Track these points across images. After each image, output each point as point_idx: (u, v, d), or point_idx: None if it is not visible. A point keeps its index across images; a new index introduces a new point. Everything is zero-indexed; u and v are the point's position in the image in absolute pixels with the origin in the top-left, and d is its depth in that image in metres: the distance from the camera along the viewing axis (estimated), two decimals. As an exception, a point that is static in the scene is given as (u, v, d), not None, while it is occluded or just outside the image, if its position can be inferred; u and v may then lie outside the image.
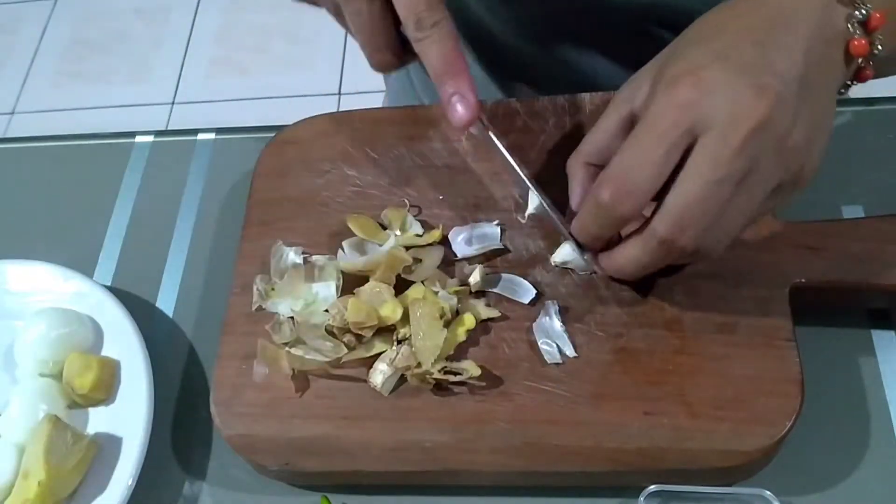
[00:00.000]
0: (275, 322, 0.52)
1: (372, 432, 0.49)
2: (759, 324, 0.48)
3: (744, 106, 0.39)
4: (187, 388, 0.57)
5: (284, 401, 0.50)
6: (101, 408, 0.55)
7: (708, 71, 0.40)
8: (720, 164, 0.40)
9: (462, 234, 0.54)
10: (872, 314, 0.52)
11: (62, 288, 0.59)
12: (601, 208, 0.43)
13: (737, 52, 0.41)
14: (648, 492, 0.46)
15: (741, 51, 0.41)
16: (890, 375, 0.50)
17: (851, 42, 0.42)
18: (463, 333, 0.50)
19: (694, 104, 0.40)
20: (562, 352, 0.49)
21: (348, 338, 0.51)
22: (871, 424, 0.49)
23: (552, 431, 0.47)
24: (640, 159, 0.41)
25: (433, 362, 0.48)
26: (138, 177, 0.67)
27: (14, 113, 2.03)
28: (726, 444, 0.45)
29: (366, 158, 0.59)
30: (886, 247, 0.50)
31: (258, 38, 2.03)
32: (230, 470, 0.53)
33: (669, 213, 0.41)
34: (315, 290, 0.53)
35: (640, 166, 0.41)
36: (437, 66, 0.44)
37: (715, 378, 0.47)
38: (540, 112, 0.58)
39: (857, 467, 0.48)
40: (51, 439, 0.49)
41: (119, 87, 2.01)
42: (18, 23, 2.19)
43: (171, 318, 0.60)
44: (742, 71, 0.40)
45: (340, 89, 1.90)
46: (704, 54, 0.41)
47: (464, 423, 0.48)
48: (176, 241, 0.63)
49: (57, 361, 0.55)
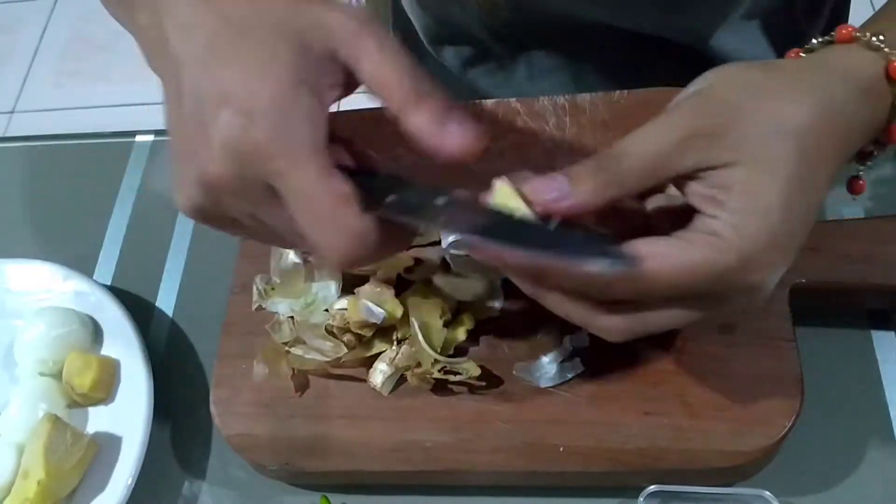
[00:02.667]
0: (275, 322, 0.52)
1: (372, 432, 0.49)
2: (759, 324, 0.48)
3: (766, 285, 0.38)
4: (187, 388, 0.57)
5: (284, 401, 0.50)
6: (100, 407, 0.55)
7: (776, 271, 0.38)
8: (718, 316, 0.39)
9: None
10: (872, 314, 0.52)
11: (62, 287, 0.59)
12: (598, 284, 0.38)
13: (794, 227, 0.37)
14: (648, 492, 0.46)
15: (796, 223, 0.37)
16: (890, 375, 0.50)
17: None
18: (463, 333, 0.50)
19: (753, 290, 0.38)
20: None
21: (348, 338, 0.51)
22: (871, 424, 0.49)
23: (552, 431, 0.47)
24: (672, 294, 0.37)
25: (433, 362, 0.49)
26: (138, 177, 0.67)
27: (14, 112, 2.03)
28: (726, 444, 0.45)
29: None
30: (886, 247, 0.50)
31: (258, 38, 2.03)
32: (230, 470, 0.53)
33: (653, 322, 0.39)
34: (315, 290, 0.53)
35: (660, 297, 0.38)
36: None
37: (715, 378, 0.47)
38: (540, 112, 0.58)
39: (857, 467, 0.48)
40: (50, 438, 0.50)
41: (119, 87, 2.01)
42: (18, 23, 2.19)
43: (171, 318, 0.60)
44: (787, 250, 0.38)
45: (340, 89, 1.90)
46: (783, 224, 0.36)
47: (464, 423, 0.48)
48: (176, 241, 0.63)
49: (57, 361, 0.55)
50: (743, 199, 0.36)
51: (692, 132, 0.37)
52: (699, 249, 0.36)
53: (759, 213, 0.36)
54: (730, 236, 0.36)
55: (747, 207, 0.36)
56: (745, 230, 0.36)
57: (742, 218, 0.36)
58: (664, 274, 0.36)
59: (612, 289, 0.37)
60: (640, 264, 0.36)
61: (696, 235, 0.37)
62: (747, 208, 0.36)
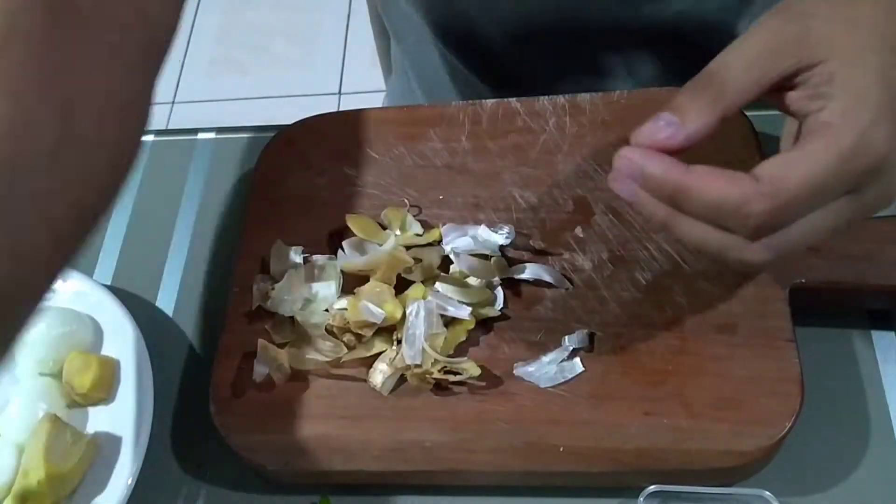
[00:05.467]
0: (275, 322, 0.52)
1: (372, 432, 0.49)
2: (759, 324, 0.48)
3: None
4: (187, 387, 0.57)
5: (284, 401, 0.50)
6: (100, 407, 0.55)
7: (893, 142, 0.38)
8: (854, 217, 0.39)
9: (455, 233, 0.54)
10: (872, 314, 0.52)
11: (62, 287, 0.59)
12: (735, 216, 0.37)
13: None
14: (648, 492, 0.46)
15: None
16: (890, 375, 0.50)
17: None
18: (463, 333, 0.50)
19: (887, 166, 0.38)
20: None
21: (348, 338, 0.51)
22: (871, 424, 0.49)
23: (552, 431, 0.47)
24: (803, 204, 0.37)
25: (433, 362, 0.49)
26: (138, 177, 0.67)
27: (14, 112, 2.02)
28: (726, 444, 0.45)
29: (366, 158, 0.59)
30: (886, 247, 0.50)
31: (258, 38, 2.03)
32: (230, 469, 0.53)
33: (782, 239, 0.38)
34: (315, 290, 0.53)
35: (796, 211, 0.38)
36: None
37: (715, 378, 0.47)
38: (540, 112, 0.58)
39: (857, 467, 0.48)
40: (50, 438, 0.50)
41: (119, 87, 2.01)
42: (18, 22, 2.19)
43: (171, 318, 0.60)
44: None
45: (340, 89, 1.90)
46: (886, 97, 0.37)
47: (464, 423, 0.48)
48: (176, 241, 0.63)
49: (57, 360, 0.55)
50: (844, 85, 0.38)
51: (783, 38, 0.39)
52: (818, 143, 0.37)
53: (861, 94, 0.37)
54: (841, 120, 0.37)
55: (849, 91, 0.37)
56: (854, 111, 0.37)
57: (847, 101, 0.37)
58: (796, 178, 0.37)
59: (749, 208, 0.37)
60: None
61: (810, 135, 0.38)
62: (849, 92, 0.37)
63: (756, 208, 0.37)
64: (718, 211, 0.38)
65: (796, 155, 0.37)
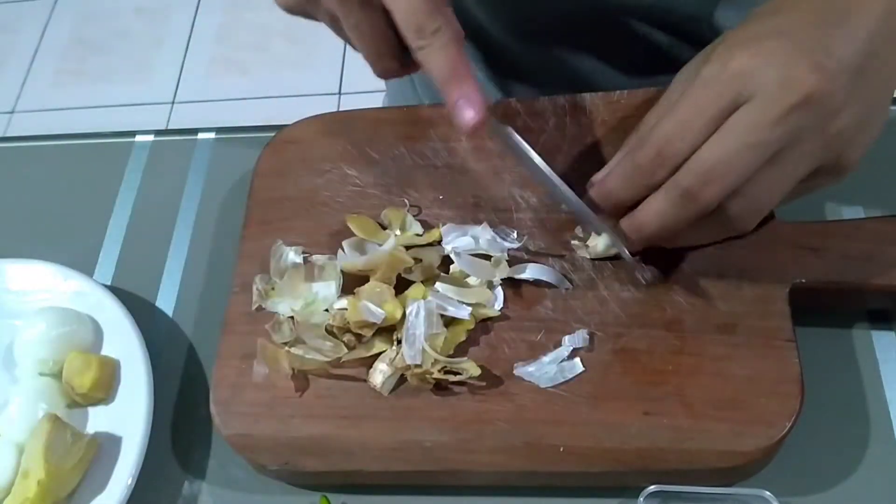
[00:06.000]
0: (275, 322, 0.52)
1: (372, 432, 0.49)
2: (759, 324, 0.48)
3: (794, 79, 0.39)
4: (187, 387, 0.57)
5: (284, 400, 0.50)
6: (100, 407, 0.55)
7: (766, 43, 0.40)
8: (758, 130, 0.40)
9: (455, 233, 0.54)
10: (872, 314, 0.52)
11: (62, 287, 0.59)
12: (636, 171, 0.43)
13: (798, 31, 0.41)
14: (648, 492, 0.46)
15: (802, 30, 0.41)
16: (890, 375, 0.50)
17: None
18: (463, 333, 0.50)
19: (746, 73, 0.40)
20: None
21: (348, 338, 0.51)
22: (871, 424, 0.49)
23: (552, 431, 0.47)
24: (683, 126, 0.41)
25: (433, 362, 0.49)
26: (138, 176, 0.67)
27: (14, 112, 2.03)
28: (726, 444, 0.45)
29: (366, 158, 0.59)
30: (886, 248, 0.50)
31: (258, 38, 2.03)
32: (230, 469, 0.53)
33: (695, 165, 0.41)
34: (315, 290, 0.53)
35: (682, 133, 0.41)
36: (439, 73, 0.43)
37: (715, 378, 0.47)
38: (540, 112, 0.58)
39: (857, 467, 0.48)
40: (50, 438, 0.49)
41: (119, 87, 2.01)
42: (18, 22, 2.19)
43: (171, 318, 0.60)
44: (800, 48, 0.40)
45: (340, 89, 1.90)
46: (765, 28, 0.41)
47: (464, 423, 0.48)
48: (176, 241, 0.63)
49: (57, 360, 0.55)
50: (725, 39, 0.43)
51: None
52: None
53: (742, 43, 0.42)
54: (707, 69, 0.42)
55: (728, 41, 0.43)
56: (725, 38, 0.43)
57: (721, 51, 0.42)
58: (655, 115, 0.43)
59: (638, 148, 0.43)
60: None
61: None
62: (728, 42, 0.42)
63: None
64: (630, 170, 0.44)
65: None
